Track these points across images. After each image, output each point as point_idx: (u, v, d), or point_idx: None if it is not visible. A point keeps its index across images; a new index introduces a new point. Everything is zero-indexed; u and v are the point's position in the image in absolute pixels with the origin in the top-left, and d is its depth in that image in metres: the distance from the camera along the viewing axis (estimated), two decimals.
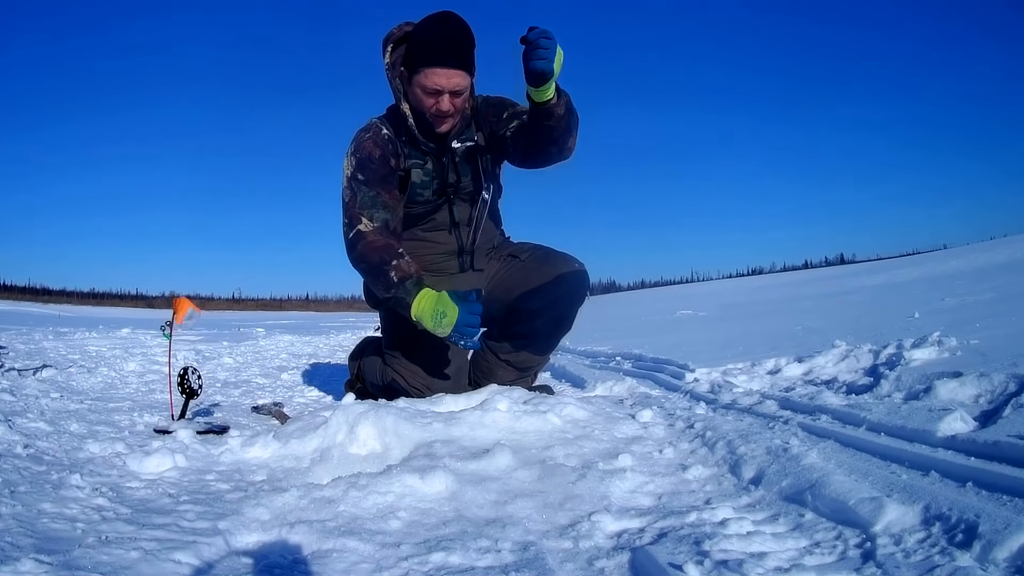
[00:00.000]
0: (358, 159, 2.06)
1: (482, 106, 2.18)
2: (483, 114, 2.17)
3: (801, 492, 1.12)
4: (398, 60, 2.06)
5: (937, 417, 1.31)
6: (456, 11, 1.99)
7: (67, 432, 1.73)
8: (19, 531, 1.00)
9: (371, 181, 2.03)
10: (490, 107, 2.17)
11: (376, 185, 2.03)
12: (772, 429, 1.54)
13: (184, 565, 0.94)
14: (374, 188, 2.03)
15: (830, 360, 2.18)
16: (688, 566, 0.87)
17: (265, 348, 5.69)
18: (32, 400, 2.13)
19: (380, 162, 2.06)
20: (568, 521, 1.14)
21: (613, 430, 1.64)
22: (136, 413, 2.09)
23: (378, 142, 2.07)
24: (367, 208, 2.02)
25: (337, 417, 1.58)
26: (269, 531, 1.10)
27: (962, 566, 0.80)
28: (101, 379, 2.91)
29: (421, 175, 2.11)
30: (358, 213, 2.02)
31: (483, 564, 0.97)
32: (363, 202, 2.02)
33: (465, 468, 1.36)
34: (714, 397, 2.03)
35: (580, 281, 2.25)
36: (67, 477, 1.28)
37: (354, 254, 2.04)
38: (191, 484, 1.35)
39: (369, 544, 1.05)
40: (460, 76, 1.96)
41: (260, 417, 2.21)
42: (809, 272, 30.66)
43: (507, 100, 2.19)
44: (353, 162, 2.07)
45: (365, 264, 2.02)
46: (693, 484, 1.30)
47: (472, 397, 1.86)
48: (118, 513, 1.14)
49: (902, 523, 0.94)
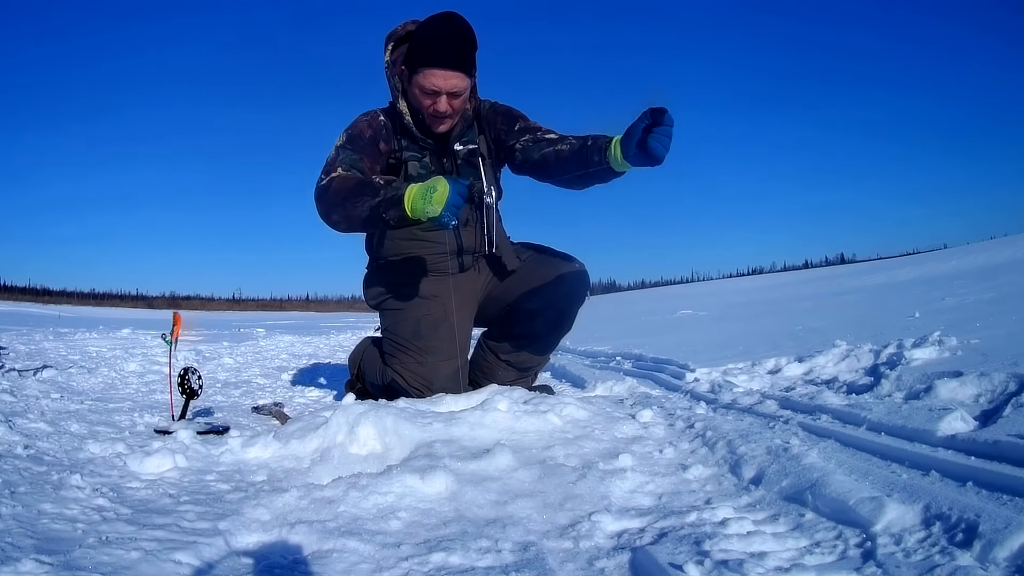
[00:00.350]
0: (349, 134, 2.08)
1: (488, 112, 2.19)
2: (488, 119, 2.18)
3: (801, 492, 1.12)
4: (399, 58, 2.07)
5: (937, 417, 1.31)
6: (460, 11, 2.00)
7: (67, 432, 1.73)
8: (19, 531, 1.00)
9: (356, 149, 2.03)
10: (497, 115, 2.18)
11: (360, 152, 2.03)
12: (772, 429, 1.54)
13: (184, 565, 0.94)
14: (357, 153, 2.02)
15: (830, 360, 2.18)
16: (688, 566, 0.87)
17: (265, 348, 5.69)
18: (32, 400, 2.13)
19: (369, 140, 2.07)
20: (568, 521, 1.14)
21: (613, 430, 1.64)
22: (136, 413, 2.09)
23: (372, 124, 2.10)
24: (345, 164, 1.98)
25: (337, 417, 1.59)
26: (269, 531, 1.10)
27: (962, 565, 0.80)
28: (101, 379, 2.91)
29: (418, 167, 2.11)
30: (336, 167, 1.97)
31: (483, 564, 0.97)
32: (342, 160, 1.99)
33: (465, 468, 1.36)
34: (714, 397, 2.03)
35: (580, 281, 2.25)
36: (67, 477, 1.28)
37: (328, 192, 1.92)
38: (191, 484, 1.35)
39: (369, 544, 1.05)
40: (458, 78, 1.96)
41: (260, 417, 2.21)
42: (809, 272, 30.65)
43: (516, 112, 2.20)
44: (344, 136, 2.08)
45: (343, 193, 1.89)
46: (693, 484, 1.30)
47: (472, 397, 1.86)
48: (118, 513, 1.14)
49: (902, 523, 0.94)
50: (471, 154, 2.14)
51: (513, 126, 2.15)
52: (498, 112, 2.19)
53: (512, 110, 2.21)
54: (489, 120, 2.18)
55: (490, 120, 2.18)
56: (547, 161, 2.03)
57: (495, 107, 2.21)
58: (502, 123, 2.16)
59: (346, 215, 1.90)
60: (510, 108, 2.21)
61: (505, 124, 2.16)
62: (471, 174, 2.14)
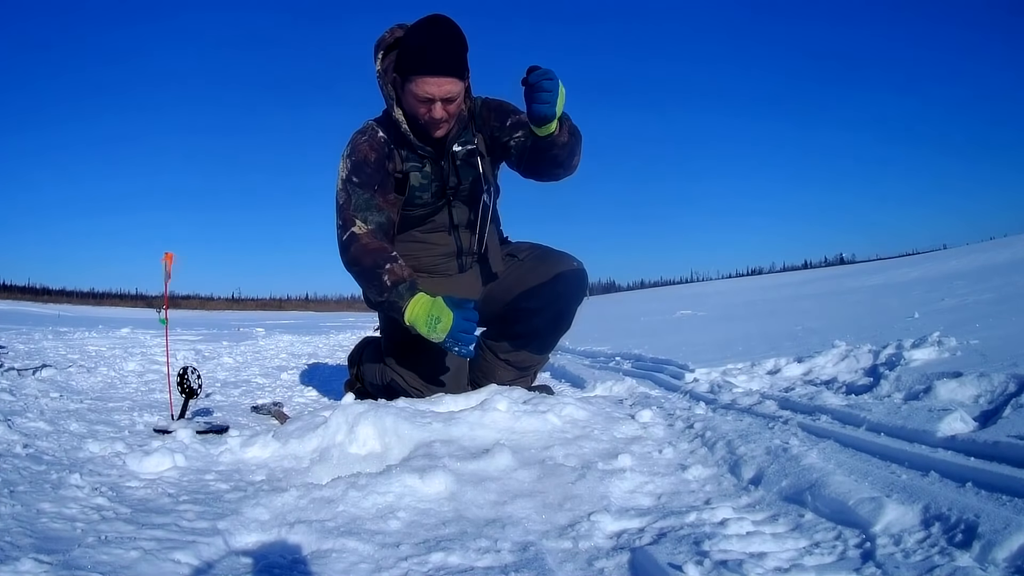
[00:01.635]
0: (353, 162, 2.05)
1: (481, 109, 2.17)
2: (483, 117, 2.16)
3: (801, 492, 1.12)
4: (390, 66, 2.04)
5: (937, 417, 1.31)
6: (448, 13, 1.98)
7: (67, 432, 1.73)
8: (19, 531, 1.00)
9: (366, 184, 2.02)
10: (491, 111, 2.16)
11: (371, 188, 2.02)
12: (772, 429, 1.54)
13: (184, 565, 0.94)
14: (368, 191, 2.02)
15: (830, 360, 2.19)
16: (688, 566, 0.87)
17: (265, 348, 5.69)
18: (32, 400, 2.13)
19: (375, 165, 2.04)
20: (568, 521, 1.14)
21: (613, 430, 1.63)
22: (136, 413, 2.09)
23: (374, 145, 2.06)
24: (361, 211, 2.00)
25: (337, 417, 1.58)
26: (268, 531, 1.10)
27: (962, 566, 0.80)
28: (101, 379, 2.91)
29: (419, 178, 2.10)
30: (352, 216, 2.00)
31: (483, 564, 0.97)
32: (357, 205, 2.00)
33: (465, 468, 1.36)
34: (714, 397, 2.03)
35: (579, 280, 2.25)
36: (67, 477, 1.28)
37: (347, 257, 2.01)
38: (191, 484, 1.35)
39: (368, 544, 1.04)
40: (451, 83, 1.93)
41: (260, 417, 2.21)
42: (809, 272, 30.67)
43: (508, 105, 2.18)
44: (348, 164, 2.05)
45: (358, 267, 1.99)
46: (693, 484, 1.30)
47: (472, 397, 1.86)
48: (118, 513, 1.14)
49: (902, 523, 0.94)
50: (470, 155, 2.13)
51: (505, 121, 2.13)
52: (491, 108, 2.17)
53: (504, 104, 2.19)
54: (483, 117, 2.17)
55: (484, 117, 2.16)
56: (523, 153, 2.07)
57: (487, 103, 2.19)
58: (495, 119, 2.15)
59: (363, 289, 2.08)
60: (502, 102, 2.19)
61: (498, 120, 2.14)
62: (470, 174, 2.14)
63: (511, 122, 2.12)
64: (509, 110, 2.16)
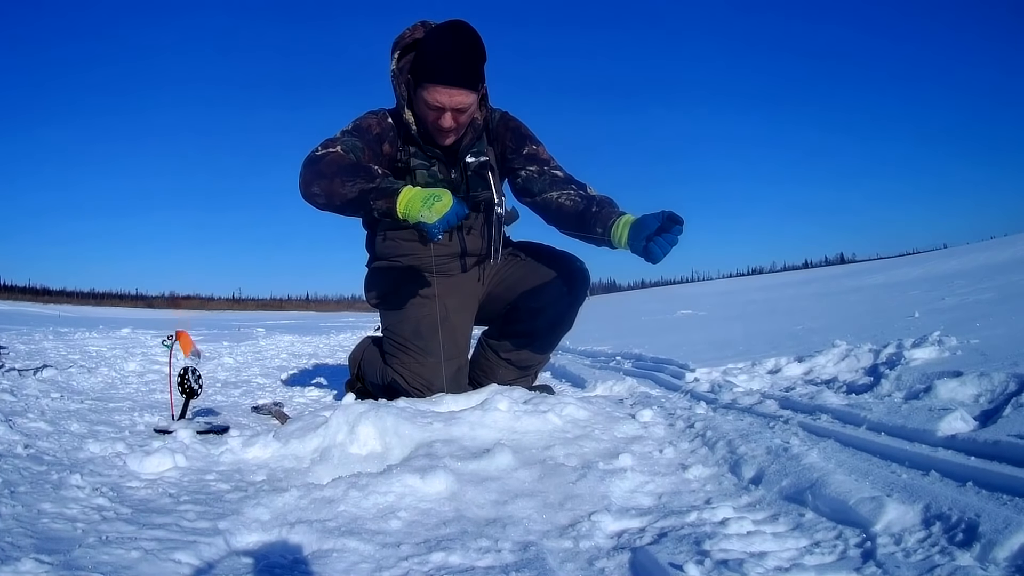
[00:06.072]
0: (356, 124, 2.06)
1: (499, 124, 2.18)
2: (498, 132, 2.17)
3: (801, 492, 1.12)
4: (405, 67, 2.03)
5: (937, 417, 1.31)
6: (448, 15, 1.98)
7: (67, 432, 1.73)
8: (19, 531, 1.00)
9: (359, 138, 2.00)
10: (508, 130, 2.17)
11: (364, 143, 1.99)
12: (772, 429, 1.54)
13: (184, 565, 0.94)
14: (361, 142, 1.99)
15: (830, 360, 2.18)
16: (688, 566, 0.87)
17: (265, 348, 5.69)
18: (32, 400, 2.13)
19: (375, 138, 2.04)
20: (568, 521, 1.14)
21: (613, 430, 1.64)
22: (136, 413, 2.09)
23: (381, 124, 2.07)
24: (346, 145, 1.93)
25: (337, 417, 1.58)
26: (269, 531, 1.10)
27: (962, 566, 0.80)
28: (101, 379, 2.91)
29: (426, 177, 2.09)
30: (336, 144, 1.92)
31: (483, 564, 0.97)
32: (344, 141, 1.94)
33: (465, 468, 1.36)
34: (714, 397, 2.03)
35: (581, 279, 2.25)
36: (67, 477, 1.28)
37: (320, 162, 1.86)
38: (191, 484, 1.35)
39: (369, 544, 1.05)
40: (463, 95, 1.92)
41: (260, 417, 2.21)
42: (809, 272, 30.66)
43: (526, 131, 2.19)
44: (351, 125, 2.05)
45: (336, 167, 1.84)
46: (693, 484, 1.30)
47: (472, 397, 1.86)
48: (118, 513, 1.14)
49: (902, 523, 0.94)
50: (482, 166, 2.12)
51: (521, 149, 2.14)
52: (508, 127, 2.18)
53: (522, 128, 2.20)
54: (499, 133, 2.17)
55: (499, 133, 2.17)
56: (548, 207, 2.11)
57: (506, 120, 2.19)
58: (511, 140, 2.16)
59: (330, 189, 1.84)
60: (520, 125, 2.20)
61: (513, 143, 2.15)
62: (481, 186, 2.13)
63: (527, 152, 2.14)
64: (527, 136, 2.18)
